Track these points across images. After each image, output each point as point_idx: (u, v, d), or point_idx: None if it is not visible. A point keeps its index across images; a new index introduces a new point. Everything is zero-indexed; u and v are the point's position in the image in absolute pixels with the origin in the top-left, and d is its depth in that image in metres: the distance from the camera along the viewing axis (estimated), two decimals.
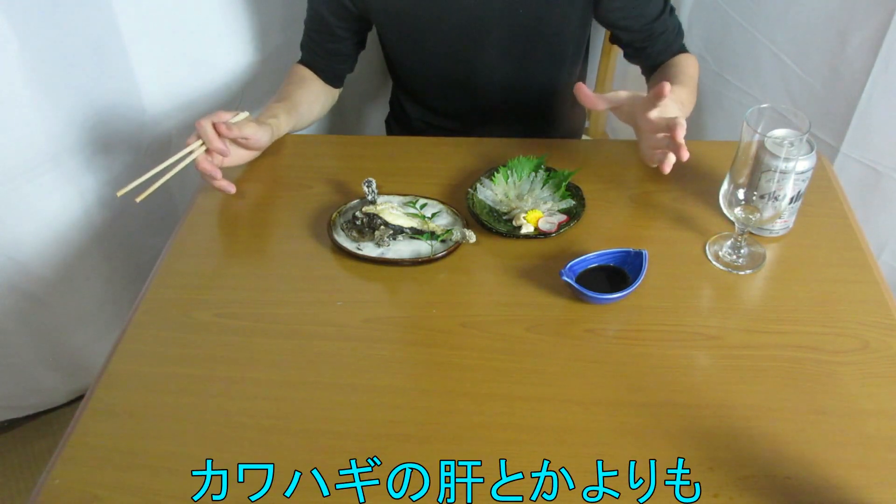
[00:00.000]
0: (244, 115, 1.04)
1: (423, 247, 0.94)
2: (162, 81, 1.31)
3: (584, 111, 1.43)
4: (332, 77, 1.25)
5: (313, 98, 1.21)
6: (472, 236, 0.94)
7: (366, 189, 0.98)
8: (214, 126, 0.98)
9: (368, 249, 0.94)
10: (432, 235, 0.95)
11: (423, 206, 0.99)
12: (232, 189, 1.02)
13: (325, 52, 1.22)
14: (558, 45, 1.20)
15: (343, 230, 0.96)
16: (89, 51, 1.19)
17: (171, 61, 1.31)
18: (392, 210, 0.96)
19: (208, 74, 1.37)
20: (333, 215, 0.98)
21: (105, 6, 1.17)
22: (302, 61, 1.25)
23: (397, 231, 0.95)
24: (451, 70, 1.21)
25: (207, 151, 1.00)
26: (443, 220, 0.98)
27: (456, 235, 0.94)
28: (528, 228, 0.96)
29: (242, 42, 1.38)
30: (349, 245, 0.94)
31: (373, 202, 0.98)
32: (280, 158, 1.12)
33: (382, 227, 0.94)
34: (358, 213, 0.96)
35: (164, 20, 1.25)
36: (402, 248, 0.94)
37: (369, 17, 1.18)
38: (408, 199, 1.00)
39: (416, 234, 0.95)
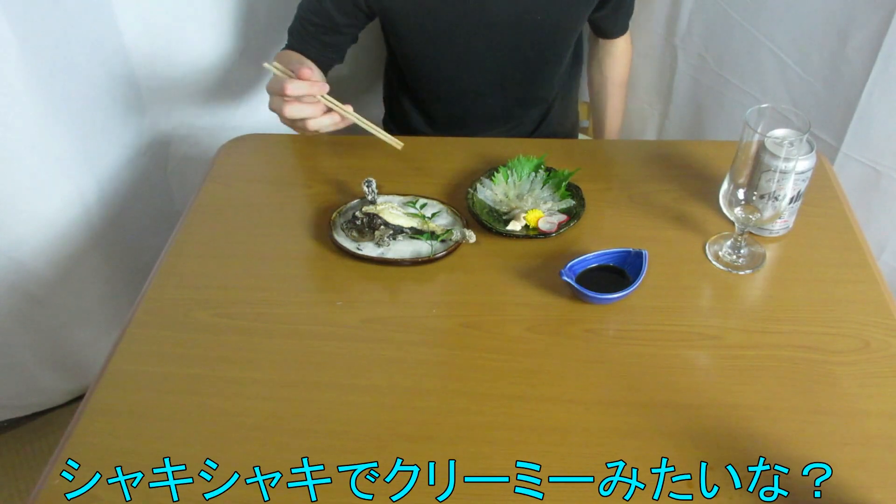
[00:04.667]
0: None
1: (423, 247, 0.94)
2: (162, 81, 1.31)
3: (576, 106, 1.45)
4: (322, 66, 1.22)
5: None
6: (471, 236, 0.94)
7: (366, 189, 0.98)
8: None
9: (368, 249, 0.94)
10: (432, 235, 0.95)
11: (423, 206, 0.99)
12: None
13: (320, 43, 1.20)
14: (564, 43, 1.22)
15: (343, 230, 0.96)
16: (89, 51, 1.19)
17: (172, 61, 1.31)
18: (392, 210, 0.96)
19: (209, 74, 1.37)
20: (333, 215, 0.98)
21: (105, 6, 1.17)
22: (292, 48, 1.19)
23: (397, 231, 0.95)
24: (465, 65, 1.21)
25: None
26: (443, 220, 0.98)
27: (456, 235, 0.94)
28: (527, 228, 0.96)
29: (243, 42, 1.38)
30: (349, 245, 0.94)
31: (373, 202, 0.98)
32: (280, 158, 1.12)
33: (382, 227, 0.94)
34: (358, 213, 0.96)
35: (164, 20, 1.25)
36: (403, 248, 0.94)
37: (380, 15, 1.17)
38: (408, 199, 1.00)
39: (416, 234, 0.95)
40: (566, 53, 1.26)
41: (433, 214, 0.99)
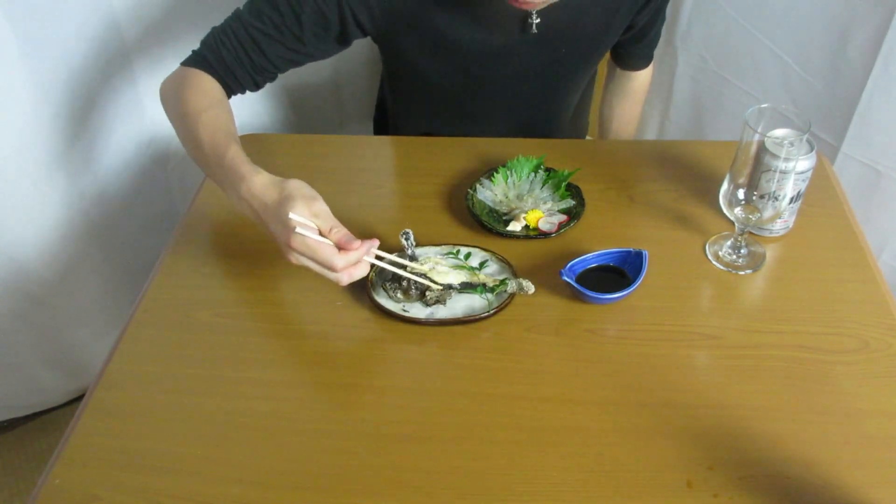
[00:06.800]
0: (308, 218, 0.82)
1: (474, 301, 0.87)
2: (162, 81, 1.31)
3: (586, 125, 1.41)
4: (232, 90, 1.04)
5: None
6: (530, 287, 0.86)
7: (404, 243, 0.89)
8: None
9: (416, 310, 0.86)
10: (485, 288, 0.88)
11: (467, 257, 0.91)
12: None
13: (251, 64, 1.01)
14: (589, 70, 1.18)
15: (387, 291, 0.88)
16: (89, 51, 1.19)
17: (172, 61, 1.30)
18: (439, 267, 0.88)
19: None
20: (371, 275, 0.88)
21: (105, 6, 1.17)
22: (207, 67, 1.01)
23: (447, 289, 0.87)
24: (477, 85, 1.12)
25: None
26: (490, 269, 0.91)
27: (511, 287, 0.87)
28: (527, 229, 0.96)
29: None
30: (393, 307, 0.86)
31: (413, 257, 0.89)
32: (279, 158, 1.12)
33: (434, 286, 0.87)
34: (403, 274, 0.87)
35: (164, 20, 1.25)
36: (454, 305, 0.86)
37: (383, 40, 1.06)
38: (446, 248, 0.93)
39: (465, 287, 0.88)
40: (587, 79, 1.20)
41: (481, 264, 0.91)
